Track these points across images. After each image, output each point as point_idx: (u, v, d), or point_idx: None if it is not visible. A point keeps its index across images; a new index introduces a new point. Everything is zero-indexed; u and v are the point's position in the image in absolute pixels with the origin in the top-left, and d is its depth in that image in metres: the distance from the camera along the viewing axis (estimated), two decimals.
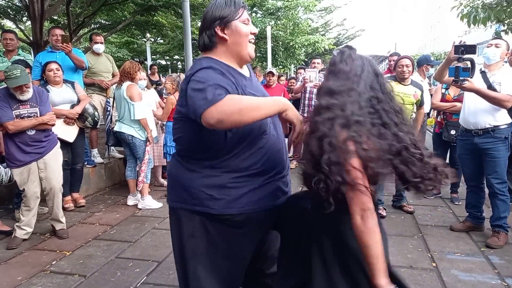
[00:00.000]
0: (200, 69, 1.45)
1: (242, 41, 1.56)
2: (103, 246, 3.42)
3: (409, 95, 3.88)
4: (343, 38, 24.75)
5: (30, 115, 3.35)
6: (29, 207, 3.46)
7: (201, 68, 1.46)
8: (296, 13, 15.66)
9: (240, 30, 1.55)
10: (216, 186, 1.54)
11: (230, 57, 1.58)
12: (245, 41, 1.57)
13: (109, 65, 5.47)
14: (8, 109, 3.26)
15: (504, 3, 5.51)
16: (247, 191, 1.55)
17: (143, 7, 10.03)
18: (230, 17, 1.53)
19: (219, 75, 1.44)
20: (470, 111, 3.34)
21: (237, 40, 1.55)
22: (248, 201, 1.55)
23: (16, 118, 3.29)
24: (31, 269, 3.01)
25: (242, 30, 1.55)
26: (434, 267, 2.96)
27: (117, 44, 17.99)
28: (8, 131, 3.26)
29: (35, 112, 3.38)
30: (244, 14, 1.57)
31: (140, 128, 4.31)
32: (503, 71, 3.26)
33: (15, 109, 3.31)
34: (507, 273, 2.84)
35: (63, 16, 10.30)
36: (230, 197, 1.53)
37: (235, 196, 1.54)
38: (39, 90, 3.53)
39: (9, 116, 3.26)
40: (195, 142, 1.55)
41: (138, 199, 4.49)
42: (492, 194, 3.35)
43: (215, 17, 1.53)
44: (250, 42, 1.60)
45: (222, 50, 1.57)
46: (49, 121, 3.41)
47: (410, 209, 4.12)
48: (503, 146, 3.27)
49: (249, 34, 1.58)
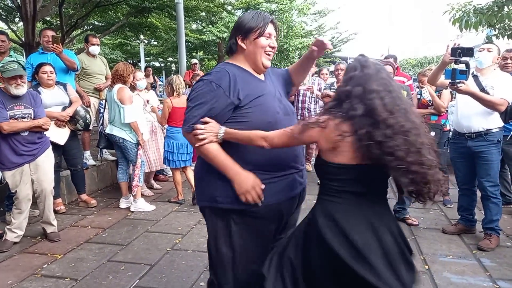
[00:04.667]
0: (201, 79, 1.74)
1: (258, 52, 1.78)
2: (95, 249, 3.39)
3: None
4: (337, 41, 24.87)
5: (24, 116, 3.33)
6: (20, 209, 3.42)
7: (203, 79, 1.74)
8: (290, 16, 15.73)
9: (258, 42, 1.77)
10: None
11: (247, 63, 1.81)
12: (260, 52, 1.78)
13: (103, 67, 5.44)
14: (3, 110, 3.23)
15: (495, 8, 5.56)
16: (267, 184, 1.69)
17: (137, 9, 9.99)
18: (251, 30, 1.75)
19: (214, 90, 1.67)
20: (463, 115, 3.37)
21: (253, 51, 1.78)
22: (269, 193, 1.69)
23: (10, 119, 3.26)
24: (21, 272, 2.98)
25: (260, 43, 1.77)
26: (426, 269, 2.97)
27: (111, 45, 17.93)
28: (2, 131, 3.23)
29: (29, 113, 3.35)
30: (268, 29, 1.77)
31: (131, 131, 4.29)
32: (496, 75, 3.29)
33: (10, 109, 3.28)
34: (499, 275, 2.86)
35: (55, 17, 10.22)
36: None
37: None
38: (33, 93, 3.52)
39: (4, 116, 3.23)
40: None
41: (131, 202, 4.46)
42: (485, 197, 3.37)
43: (239, 28, 1.78)
44: (268, 54, 1.80)
45: (241, 57, 1.81)
46: (44, 124, 3.40)
47: (415, 222, 3.86)
48: (496, 150, 3.30)
49: (267, 47, 1.78)
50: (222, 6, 13.33)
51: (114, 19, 11.24)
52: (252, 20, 1.76)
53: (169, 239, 3.59)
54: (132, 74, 4.40)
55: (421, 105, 4.39)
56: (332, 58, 24.41)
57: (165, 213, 4.28)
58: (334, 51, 25.59)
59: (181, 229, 3.80)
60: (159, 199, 4.83)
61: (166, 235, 3.68)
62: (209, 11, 12.18)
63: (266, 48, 1.78)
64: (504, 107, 3.15)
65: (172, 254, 3.27)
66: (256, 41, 1.76)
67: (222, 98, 1.66)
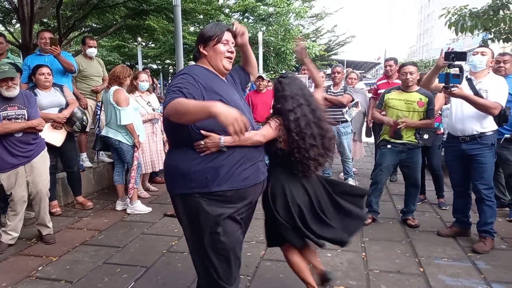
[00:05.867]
0: (179, 74, 1.97)
1: (218, 57, 2.04)
2: (90, 252, 3.39)
3: (412, 101, 3.73)
4: (334, 44, 24.98)
5: (18, 116, 3.32)
6: (15, 211, 3.41)
7: (180, 74, 1.97)
8: (288, 19, 15.78)
9: (216, 48, 2.03)
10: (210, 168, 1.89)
11: (211, 66, 2.07)
12: (220, 57, 2.04)
13: (100, 69, 5.45)
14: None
15: (491, 12, 5.62)
16: (233, 172, 1.92)
17: (135, 11, 9.97)
18: (210, 38, 2.03)
19: (189, 80, 1.89)
20: (457, 118, 3.39)
21: (214, 56, 2.05)
22: (235, 179, 1.92)
23: (4, 120, 3.26)
24: (16, 274, 2.97)
25: (218, 49, 2.03)
26: (421, 272, 2.98)
27: (108, 47, 17.89)
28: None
29: (23, 114, 3.34)
30: (225, 36, 2.03)
31: (127, 133, 4.29)
32: (489, 78, 3.32)
33: (3, 110, 3.27)
34: (493, 278, 2.87)
35: (53, 19, 10.20)
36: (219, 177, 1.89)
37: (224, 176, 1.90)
38: (27, 93, 3.49)
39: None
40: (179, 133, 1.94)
41: (127, 204, 4.45)
42: (479, 200, 3.39)
43: (200, 37, 2.07)
44: (228, 58, 2.05)
45: (205, 61, 2.08)
46: (38, 125, 3.39)
47: (413, 223, 3.88)
48: (490, 153, 3.32)
49: (225, 52, 2.04)
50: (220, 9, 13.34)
51: (111, 21, 11.22)
52: (211, 29, 2.04)
53: (165, 241, 3.59)
54: (129, 77, 4.40)
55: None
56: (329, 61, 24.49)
57: (161, 215, 4.28)
58: (331, 54, 25.68)
59: (177, 231, 3.80)
60: (156, 201, 4.82)
61: (162, 237, 3.68)
62: (206, 14, 12.18)
63: (225, 54, 2.04)
64: (497, 110, 3.18)
65: (168, 256, 3.27)
66: (215, 47, 2.03)
67: (193, 83, 1.89)
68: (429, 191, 4.78)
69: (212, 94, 1.91)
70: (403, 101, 3.77)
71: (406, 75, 3.74)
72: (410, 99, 3.76)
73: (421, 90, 3.81)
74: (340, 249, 3.37)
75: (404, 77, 3.77)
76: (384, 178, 3.97)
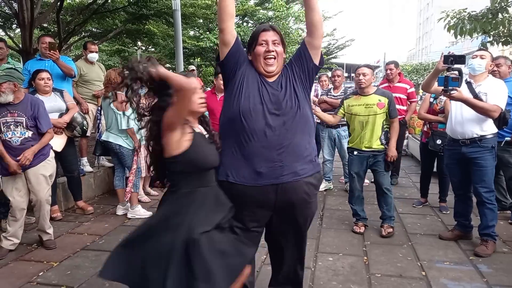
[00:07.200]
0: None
1: (257, 60, 2.07)
2: (91, 257, 3.38)
3: (371, 105, 3.66)
4: (333, 47, 25.01)
5: (17, 124, 3.32)
6: (15, 217, 3.40)
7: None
8: (287, 23, 15.81)
9: (256, 51, 2.07)
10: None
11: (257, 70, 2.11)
12: (260, 60, 2.06)
13: (101, 73, 5.45)
14: None
15: (490, 15, 5.63)
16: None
17: (134, 16, 10.00)
18: (251, 44, 2.10)
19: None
20: (457, 121, 3.39)
21: (255, 59, 2.09)
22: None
23: (2, 126, 3.27)
24: (17, 280, 2.96)
25: (257, 52, 2.06)
26: (423, 276, 2.97)
27: (108, 52, 17.92)
28: None
29: (21, 121, 3.33)
30: (261, 36, 2.06)
31: (128, 137, 4.29)
32: (488, 82, 3.32)
33: (3, 116, 3.28)
34: (495, 281, 2.86)
35: (53, 24, 10.22)
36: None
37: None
38: (36, 102, 3.44)
39: None
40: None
41: (128, 208, 4.45)
42: (480, 203, 3.39)
43: (247, 44, 2.14)
44: (268, 59, 2.05)
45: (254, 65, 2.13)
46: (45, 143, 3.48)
47: (384, 232, 3.72)
48: (490, 156, 3.32)
49: (263, 53, 2.04)
50: None
51: (111, 26, 11.25)
52: (251, 35, 2.13)
53: None
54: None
55: (431, 110, 4.39)
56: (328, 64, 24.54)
57: None
58: (331, 57, 25.72)
59: None
60: (156, 206, 4.79)
61: None
62: (206, 18, 12.23)
63: (263, 55, 2.04)
64: (497, 113, 3.18)
65: None
66: (254, 51, 2.08)
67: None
68: (431, 194, 4.76)
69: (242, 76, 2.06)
70: (363, 106, 3.70)
71: (359, 76, 3.68)
72: (369, 102, 3.68)
73: (378, 91, 3.78)
74: (341, 253, 3.37)
75: (357, 79, 3.71)
76: (358, 184, 3.88)
